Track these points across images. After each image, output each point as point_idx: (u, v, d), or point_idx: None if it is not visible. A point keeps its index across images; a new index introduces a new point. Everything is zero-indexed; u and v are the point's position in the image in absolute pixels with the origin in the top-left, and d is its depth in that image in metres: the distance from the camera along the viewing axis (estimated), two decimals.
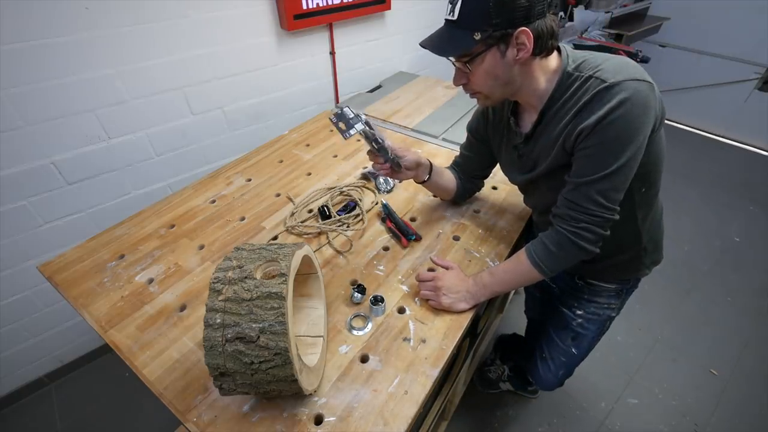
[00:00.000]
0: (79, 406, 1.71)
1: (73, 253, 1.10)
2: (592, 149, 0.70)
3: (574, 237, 0.76)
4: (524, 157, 0.89)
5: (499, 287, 0.88)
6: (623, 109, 0.65)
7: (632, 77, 0.66)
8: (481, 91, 0.80)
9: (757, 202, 2.70)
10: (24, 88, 1.23)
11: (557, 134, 0.76)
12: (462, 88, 0.82)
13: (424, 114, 1.71)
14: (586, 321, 1.07)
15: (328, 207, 1.17)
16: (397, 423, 0.71)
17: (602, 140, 0.68)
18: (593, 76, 0.70)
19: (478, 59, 0.73)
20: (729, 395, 1.67)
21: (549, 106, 0.77)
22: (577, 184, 0.74)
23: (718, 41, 3.14)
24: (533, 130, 0.82)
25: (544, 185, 0.89)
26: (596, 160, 0.71)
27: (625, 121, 0.66)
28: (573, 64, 0.74)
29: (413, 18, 2.22)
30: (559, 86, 0.75)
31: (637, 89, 0.66)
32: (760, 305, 2.03)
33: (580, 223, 0.76)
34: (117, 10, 1.30)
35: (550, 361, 1.20)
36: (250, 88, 1.74)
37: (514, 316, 1.96)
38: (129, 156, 1.54)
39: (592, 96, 0.69)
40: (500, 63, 0.73)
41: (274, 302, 0.62)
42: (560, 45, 0.78)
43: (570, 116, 0.73)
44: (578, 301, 1.06)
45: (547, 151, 0.81)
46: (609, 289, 1.01)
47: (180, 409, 0.74)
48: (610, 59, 0.72)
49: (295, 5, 1.64)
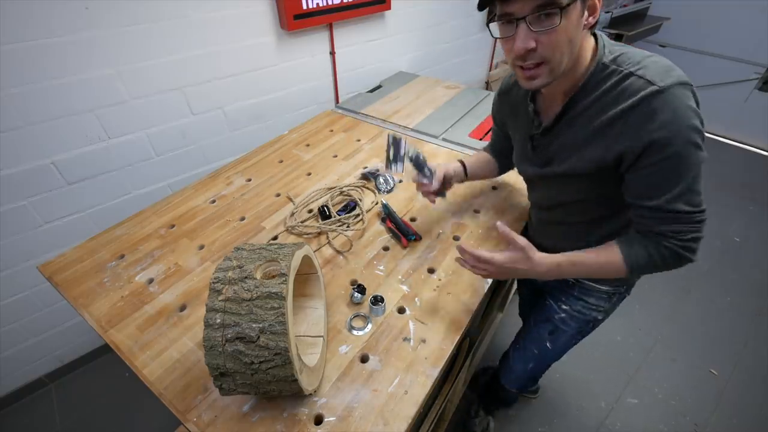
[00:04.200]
0: (79, 406, 1.71)
1: (73, 253, 1.10)
2: (658, 166, 0.65)
3: (685, 251, 0.71)
4: (538, 150, 0.83)
5: (573, 276, 0.83)
6: (678, 120, 0.61)
7: (679, 80, 0.62)
8: (550, 60, 0.65)
9: (757, 202, 2.70)
10: (24, 88, 1.23)
11: (589, 136, 0.71)
12: (511, 60, 0.68)
13: (424, 114, 1.71)
14: (569, 318, 1.04)
15: (328, 207, 1.17)
16: (397, 423, 0.71)
17: (668, 155, 0.63)
18: (635, 74, 0.64)
19: (566, 12, 0.61)
20: (728, 395, 1.67)
21: (577, 98, 0.71)
22: (663, 202, 0.67)
23: (718, 41, 3.14)
24: (555, 122, 0.76)
25: (557, 185, 0.84)
26: (669, 175, 0.66)
27: (682, 132, 0.62)
28: (610, 55, 0.68)
29: (413, 18, 2.22)
30: (592, 77, 0.69)
31: (684, 94, 0.62)
32: (760, 305, 2.03)
33: (687, 234, 0.70)
34: (117, 10, 1.30)
35: (523, 351, 1.18)
36: (250, 88, 1.74)
37: (513, 315, 1.95)
38: (129, 156, 1.54)
39: (638, 101, 0.63)
40: (578, 23, 0.63)
41: (274, 302, 0.62)
42: (596, 33, 0.72)
43: (609, 118, 0.67)
44: (567, 296, 1.03)
45: (570, 152, 0.76)
46: (601, 290, 0.98)
47: (180, 409, 0.74)
48: (651, 56, 0.67)
49: (295, 5, 1.64)
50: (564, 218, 0.90)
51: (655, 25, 3.10)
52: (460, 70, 2.76)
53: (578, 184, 0.79)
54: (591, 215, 0.84)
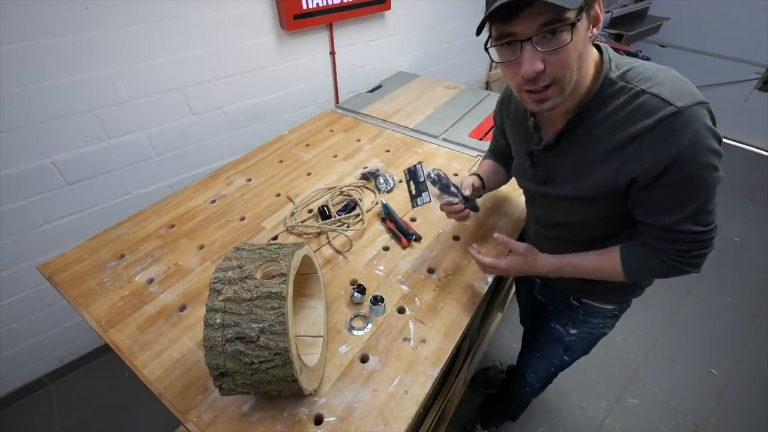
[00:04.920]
0: (79, 406, 1.71)
1: (73, 253, 1.10)
2: (672, 187, 0.62)
3: (686, 267, 0.70)
4: (538, 167, 0.79)
5: (573, 275, 0.83)
6: (699, 143, 0.58)
7: (697, 100, 0.59)
8: (561, 80, 0.61)
9: (757, 202, 2.70)
10: (24, 88, 1.23)
11: (597, 158, 0.67)
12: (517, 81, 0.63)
13: (424, 114, 1.71)
14: (578, 339, 1.05)
15: (328, 207, 1.17)
16: (397, 423, 0.71)
17: (684, 177, 0.60)
18: (647, 91, 0.60)
19: (576, 27, 0.57)
20: (728, 395, 1.67)
21: (582, 116, 0.67)
22: (671, 222, 0.65)
23: (718, 41, 3.14)
24: (557, 140, 0.71)
25: (559, 204, 0.80)
26: (681, 197, 0.63)
27: (702, 154, 0.59)
28: (617, 71, 0.64)
29: (413, 18, 2.22)
30: (599, 94, 0.64)
31: (703, 114, 0.59)
32: (760, 305, 2.03)
33: (691, 252, 0.68)
34: (117, 10, 1.30)
35: (541, 359, 1.19)
36: (250, 88, 1.74)
37: (513, 315, 1.95)
38: (129, 156, 1.54)
39: (656, 122, 0.59)
40: (586, 37, 0.60)
41: (274, 302, 0.62)
42: (599, 45, 0.68)
43: (621, 140, 0.63)
44: (573, 321, 1.02)
45: (574, 173, 0.72)
46: (605, 310, 0.96)
47: (180, 409, 0.74)
48: (661, 70, 0.63)
49: (295, 5, 1.64)
50: (566, 236, 0.85)
51: (655, 25, 3.10)
52: (460, 70, 2.76)
53: (584, 206, 0.75)
54: (595, 233, 0.81)
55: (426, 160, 1.41)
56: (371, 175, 1.30)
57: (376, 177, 1.29)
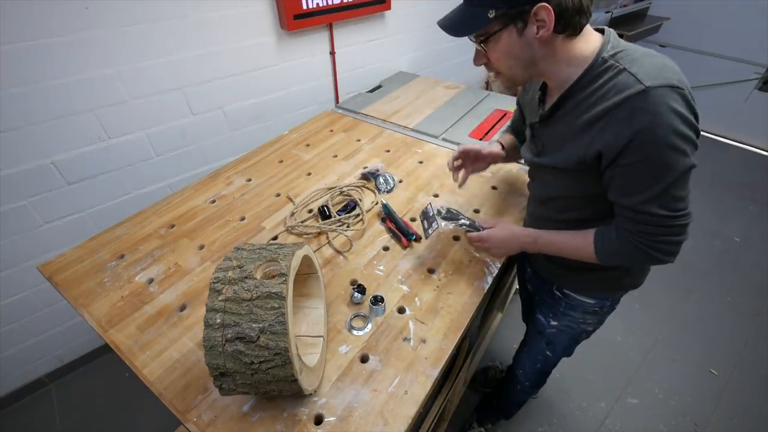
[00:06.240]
0: (79, 406, 1.71)
1: (73, 253, 1.10)
2: (633, 167, 0.65)
3: (654, 251, 0.71)
4: (536, 138, 0.84)
5: (549, 253, 0.89)
6: (659, 123, 0.60)
7: (669, 83, 0.60)
8: (502, 72, 0.76)
9: (757, 202, 2.70)
10: (24, 88, 1.23)
11: (575, 131, 0.71)
12: (484, 69, 0.79)
13: (424, 114, 1.71)
14: (559, 332, 1.08)
15: (328, 207, 1.17)
16: (397, 423, 0.71)
17: (644, 157, 0.63)
18: (627, 69, 0.63)
19: (494, 38, 0.69)
20: (728, 395, 1.67)
21: (571, 92, 0.71)
22: (635, 203, 0.68)
23: (718, 41, 3.14)
24: (549, 113, 0.77)
25: (546, 176, 0.86)
26: (643, 177, 0.65)
27: (661, 135, 0.60)
28: (611, 51, 0.67)
29: (413, 18, 2.22)
30: (588, 72, 0.68)
31: (670, 97, 0.60)
32: (760, 305, 2.03)
33: (657, 237, 0.70)
34: (117, 10, 1.30)
35: (528, 353, 1.25)
36: (250, 88, 1.74)
37: (513, 315, 1.96)
38: (129, 156, 1.54)
39: (622, 100, 0.62)
40: (518, 42, 0.68)
41: (274, 302, 0.62)
42: (605, 28, 0.72)
43: (594, 115, 0.67)
44: (554, 312, 1.05)
45: (557, 144, 0.77)
46: (585, 304, 0.98)
47: (180, 409, 0.74)
48: (653, 56, 0.65)
49: (295, 5, 1.64)
50: (552, 215, 0.89)
51: (655, 25, 3.10)
52: (460, 70, 2.76)
53: (563, 178, 0.79)
54: (577, 215, 0.84)
55: (426, 160, 1.41)
56: (371, 175, 1.30)
57: (376, 177, 1.29)
